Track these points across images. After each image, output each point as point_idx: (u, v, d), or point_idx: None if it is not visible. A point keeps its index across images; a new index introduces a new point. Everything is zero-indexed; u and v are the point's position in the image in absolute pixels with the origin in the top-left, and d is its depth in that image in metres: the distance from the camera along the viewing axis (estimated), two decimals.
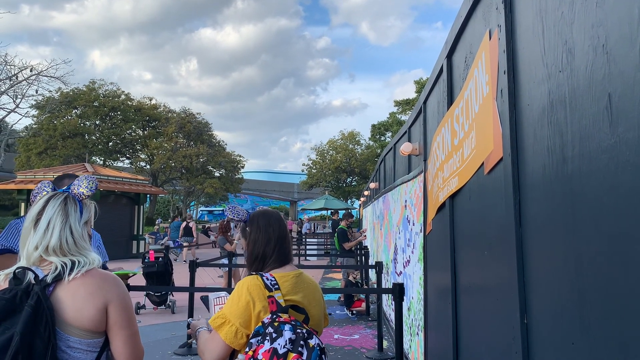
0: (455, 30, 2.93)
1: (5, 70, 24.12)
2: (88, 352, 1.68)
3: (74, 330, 1.65)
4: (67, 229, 1.76)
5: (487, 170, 2.22)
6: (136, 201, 20.71)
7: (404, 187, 5.81)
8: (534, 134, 1.68)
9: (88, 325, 1.66)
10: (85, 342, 1.66)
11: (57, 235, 1.73)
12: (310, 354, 1.83)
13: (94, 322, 1.67)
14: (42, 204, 1.81)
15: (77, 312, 1.65)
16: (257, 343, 1.84)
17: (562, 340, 1.46)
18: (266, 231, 2.15)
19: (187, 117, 36.82)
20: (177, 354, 6.43)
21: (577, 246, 1.34)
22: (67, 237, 1.75)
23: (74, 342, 1.64)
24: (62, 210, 1.79)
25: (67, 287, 1.67)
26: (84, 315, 1.65)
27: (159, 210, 38.22)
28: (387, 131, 40.79)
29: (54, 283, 1.66)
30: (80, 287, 1.68)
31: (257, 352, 1.82)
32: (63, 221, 1.77)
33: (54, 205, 1.79)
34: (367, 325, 8.33)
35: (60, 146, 30.68)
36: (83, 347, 1.66)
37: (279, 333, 1.84)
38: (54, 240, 1.72)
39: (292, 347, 1.82)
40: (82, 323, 1.65)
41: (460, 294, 2.92)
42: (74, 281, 1.68)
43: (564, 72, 1.43)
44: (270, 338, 1.83)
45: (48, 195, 1.85)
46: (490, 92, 2.15)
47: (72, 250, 1.74)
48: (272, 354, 1.79)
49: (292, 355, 1.80)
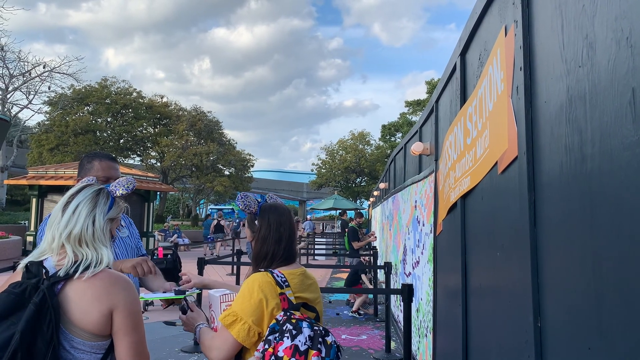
0: (469, 28, 2.88)
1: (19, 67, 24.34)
2: (92, 353, 1.64)
3: (78, 331, 1.61)
4: (90, 218, 1.74)
5: (500, 170, 2.17)
6: (146, 198, 20.79)
7: (414, 187, 5.75)
8: (551, 132, 1.64)
9: (92, 328, 1.62)
10: (90, 344, 1.63)
11: (81, 222, 1.71)
12: (329, 352, 1.82)
13: (98, 327, 1.63)
14: (75, 190, 1.80)
15: (82, 314, 1.61)
16: (276, 340, 1.81)
17: (578, 345, 1.41)
18: (277, 230, 2.09)
19: (197, 115, 36.92)
20: (185, 351, 6.43)
21: (596, 247, 1.29)
22: (89, 226, 1.73)
23: (78, 344, 1.61)
24: (91, 199, 1.78)
25: (76, 286, 1.63)
26: (88, 319, 1.61)
27: (169, 207, 38.40)
28: (398, 132, 40.65)
29: (63, 280, 1.62)
30: (88, 289, 1.63)
31: (277, 349, 1.79)
32: (90, 209, 1.75)
33: (85, 193, 1.79)
34: (374, 326, 8.28)
35: (72, 143, 30.88)
36: (87, 349, 1.62)
37: (298, 330, 1.81)
38: (77, 228, 1.70)
39: (311, 344, 1.80)
40: (86, 326, 1.61)
41: (470, 295, 2.87)
42: (83, 281, 1.64)
43: (584, 67, 1.38)
44: (290, 335, 1.80)
45: (84, 184, 1.85)
46: (505, 90, 2.10)
47: (88, 242, 1.71)
48: (294, 351, 1.77)
49: (312, 353, 1.79)
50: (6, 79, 23.63)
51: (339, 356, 1.86)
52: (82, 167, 2.72)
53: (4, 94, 23.15)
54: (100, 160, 2.71)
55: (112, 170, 2.71)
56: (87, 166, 2.70)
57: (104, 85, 33.90)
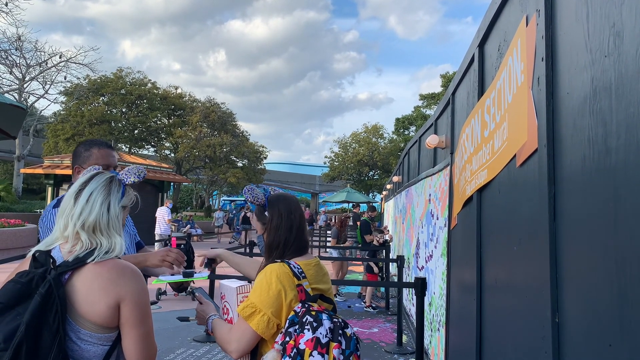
0: (488, 18, 2.83)
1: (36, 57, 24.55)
2: (99, 345, 1.62)
3: (85, 322, 1.59)
4: (105, 206, 1.72)
5: (519, 163, 2.13)
6: (160, 189, 20.94)
7: (429, 180, 5.71)
8: (574, 124, 1.60)
9: (99, 320, 1.60)
10: (97, 335, 1.61)
11: (96, 209, 1.70)
12: (349, 344, 1.80)
13: (105, 319, 1.60)
14: (86, 179, 1.78)
15: (89, 305, 1.59)
16: (296, 332, 1.79)
17: (598, 341, 1.38)
18: (288, 217, 2.08)
19: (211, 106, 36.99)
20: (197, 341, 6.47)
21: (620, 241, 1.26)
22: (104, 213, 1.71)
23: (85, 335, 1.59)
24: (105, 187, 1.76)
25: (83, 276, 1.61)
26: (94, 310, 1.59)
27: (182, 198, 38.59)
28: (412, 125, 40.42)
29: (70, 270, 1.60)
30: (95, 280, 1.61)
31: (298, 341, 1.77)
32: (104, 197, 1.74)
33: (98, 181, 1.77)
34: (386, 319, 8.27)
35: (87, 133, 31.10)
36: (94, 341, 1.60)
37: (319, 322, 1.79)
38: (93, 215, 1.69)
39: (332, 336, 1.79)
40: (93, 317, 1.59)
41: (485, 290, 2.83)
42: (91, 271, 1.62)
43: (611, 57, 1.34)
44: (311, 327, 1.78)
45: (95, 172, 1.83)
46: (526, 81, 2.06)
47: (103, 230, 1.70)
48: (315, 343, 1.75)
49: (333, 345, 1.77)
50: (23, 69, 23.85)
51: (358, 348, 1.84)
52: (78, 155, 2.61)
53: (20, 83, 23.38)
54: (99, 148, 2.62)
55: (110, 157, 2.63)
56: (85, 154, 2.59)
57: (119, 76, 34.06)
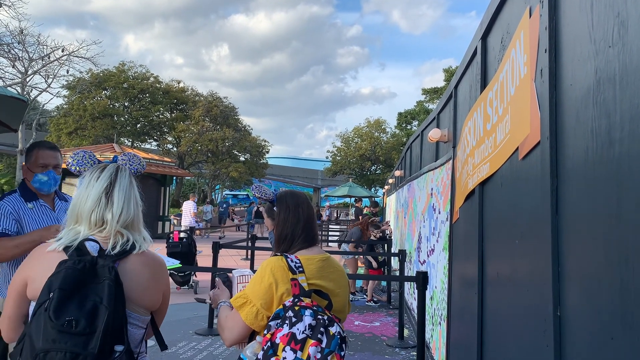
0: (491, 10, 2.80)
1: (38, 50, 24.52)
2: (142, 328, 1.71)
3: (136, 307, 1.66)
4: (136, 204, 1.79)
5: (522, 156, 2.12)
6: (162, 182, 20.94)
7: (431, 174, 5.69)
8: (577, 116, 1.58)
9: (149, 304, 1.71)
10: (142, 318, 1.70)
11: (132, 208, 1.76)
12: (330, 342, 1.75)
13: (155, 303, 1.74)
14: (111, 173, 1.78)
15: (142, 291, 1.67)
16: (276, 326, 1.79)
17: (600, 335, 1.37)
18: (295, 211, 2.12)
19: (214, 100, 36.94)
20: (199, 334, 6.48)
21: (623, 234, 1.25)
22: (137, 211, 1.79)
23: (135, 319, 1.67)
24: (132, 184, 1.81)
25: (132, 265, 1.67)
26: (148, 296, 1.69)
27: (185, 192, 38.60)
28: (414, 119, 40.33)
29: (119, 259, 1.65)
30: (145, 268, 1.70)
31: (275, 335, 1.77)
32: (135, 195, 1.80)
33: (125, 177, 1.79)
34: (388, 313, 8.28)
35: (90, 127, 31.13)
36: (139, 324, 1.69)
37: (298, 318, 1.77)
38: (131, 213, 1.74)
39: (311, 334, 1.75)
40: (145, 302, 1.69)
41: (487, 283, 2.82)
42: (137, 260, 1.69)
43: (615, 47, 1.32)
44: (289, 322, 1.76)
45: (113, 166, 1.83)
46: (529, 73, 2.04)
47: (135, 225, 1.76)
48: (290, 339, 1.73)
49: (310, 342, 1.73)
50: (25, 63, 23.84)
51: (342, 347, 1.78)
52: (27, 155, 2.92)
53: (23, 77, 23.38)
54: (39, 149, 2.90)
55: (50, 158, 2.90)
56: (29, 155, 2.90)
57: (121, 70, 34.05)
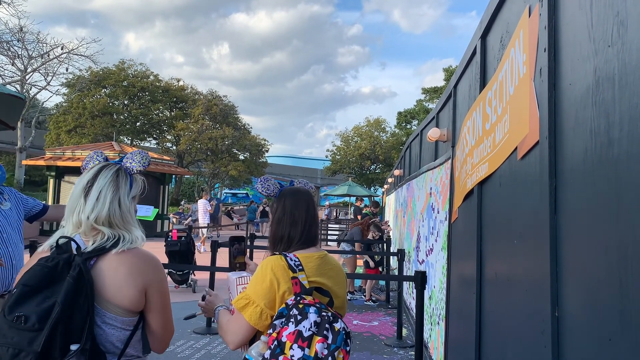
0: (491, 9, 2.80)
1: (38, 48, 24.49)
2: (122, 329, 1.66)
3: (111, 307, 1.63)
4: (116, 201, 1.74)
5: (520, 155, 2.11)
6: (162, 181, 20.93)
7: (430, 174, 5.69)
8: (576, 116, 1.57)
9: (126, 304, 1.65)
10: (121, 319, 1.65)
11: (107, 206, 1.72)
12: (336, 338, 1.77)
13: (132, 303, 1.66)
14: (94, 173, 1.78)
15: (117, 290, 1.63)
16: (281, 325, 1.78)
17: (598, 335, 1.36)
18: (292, 213, 2.06)
19: (213, 99, 36.94)
20: (197, 333, 6.48)
21: (621, 234, 1.24)
22: (116, 209, 1.73)
23: (110, 319, 1.63)
24: (113, 182, 1.77)
25: (109, 262, 1.64)
26: (123, 294, 1.64)
27: (184, 191, 38.59)
28: (414, 119, 40.35)
29: (95, 257, 1.63)
30: (122, 265, 1.65)
31: (281, 334, 1.76)
32: (113, 192, 1.75)
33: (106, 176, 1.77)
34: (386, 312, 8.28)
35: (89, 125, 31.13)
36: (118, 325, 1.65)
37: (303, 315, 1.77)
38: (105, 211, 1.70)
39: (317, 330, 1.76)
40: (121, 301, 1.64)
41: (485, 283, 2.82)
42: (116, 257, 1.65)
43: (614, 46, 1.32)
44: (295, 320, 1.76)
45: (100, 165, 1.82)
46: (528, 72, 2.03)
47: (118, 224, 1.73)
48: (297, 337, 1.73)
49: (317, 339, 1.74)
50: (25, 60, 23.81)
51: (348, 343, 1.80)
52: None
53: (22, 75, 23.34)
54: None
55: None
56: None
57: (121, 68, 34.03)
